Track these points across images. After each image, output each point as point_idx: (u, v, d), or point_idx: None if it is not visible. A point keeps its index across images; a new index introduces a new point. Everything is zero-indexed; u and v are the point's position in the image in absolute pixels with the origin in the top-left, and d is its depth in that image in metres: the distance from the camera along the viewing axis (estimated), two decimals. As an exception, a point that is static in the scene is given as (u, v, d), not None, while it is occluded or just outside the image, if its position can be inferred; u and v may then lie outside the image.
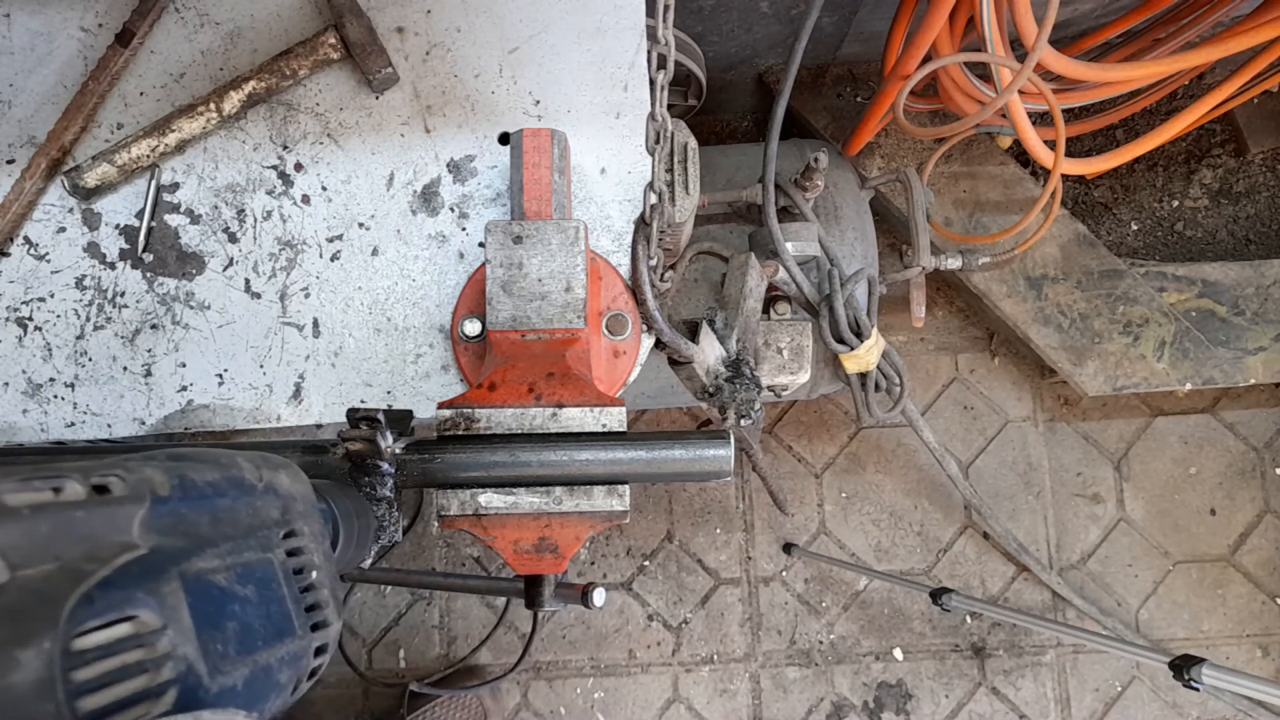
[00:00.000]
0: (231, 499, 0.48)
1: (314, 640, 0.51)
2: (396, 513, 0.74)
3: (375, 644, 1.95)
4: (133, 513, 0.41)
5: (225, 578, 0.45)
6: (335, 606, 0.54)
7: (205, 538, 0.45)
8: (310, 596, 0.52)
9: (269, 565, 0.49)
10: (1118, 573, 1.97)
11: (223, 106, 0.96)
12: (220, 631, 0.43)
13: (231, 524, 0.47)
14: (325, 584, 0.54)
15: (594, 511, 0.78)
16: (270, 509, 0.52)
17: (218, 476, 0.48)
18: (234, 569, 0.46)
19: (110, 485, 0.41)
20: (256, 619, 0.46)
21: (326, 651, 0.53)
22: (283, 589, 0.49)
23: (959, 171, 1.79)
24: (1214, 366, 1.77)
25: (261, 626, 0.46)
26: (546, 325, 0.84)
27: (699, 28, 1.53)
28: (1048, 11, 1.08)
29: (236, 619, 0.44)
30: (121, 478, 0.41)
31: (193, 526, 0.44)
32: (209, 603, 0.43)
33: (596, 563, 1.97)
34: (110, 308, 0.98)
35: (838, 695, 1.94)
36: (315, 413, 0.97)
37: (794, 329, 1.26)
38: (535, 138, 0.90)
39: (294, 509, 0.54)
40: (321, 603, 0.53)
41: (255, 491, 0.51)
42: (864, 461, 2.00)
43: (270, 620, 0.47)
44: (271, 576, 0.49)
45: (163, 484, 0.43)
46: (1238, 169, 2.01)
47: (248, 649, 0.44)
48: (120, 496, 0.41)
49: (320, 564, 0.54)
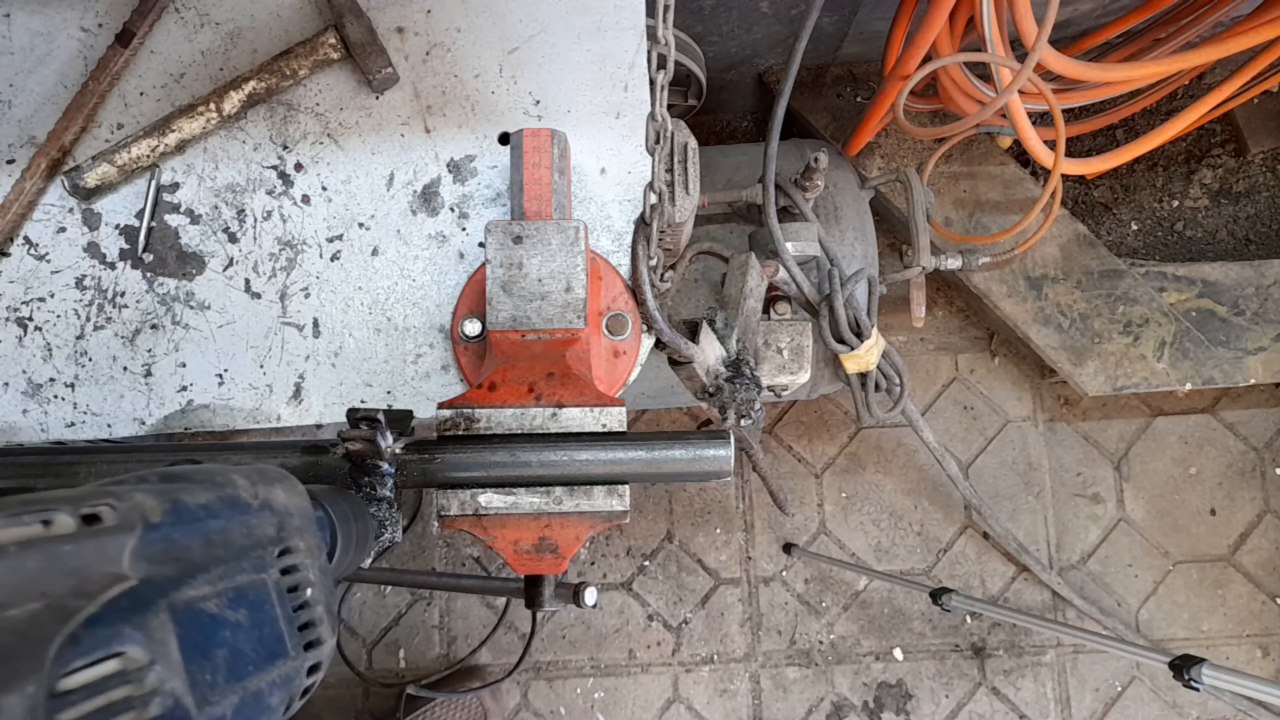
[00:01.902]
0: (225, 520, 0.48)
1: (307, 660, 0.51)
2: (396, 512, 0.74)
3: (375, 644, 1.95)
4: (124, 542, 0.40)
5: (216, 603, 0.44)
6: (330, 623, 0.54)
7: (197, 563, 0.44)
8: (304, 615, 0.52)
9: (262, 586, 0.49)
10: (1118, 573, 1.97)
11: (223, 106, 0.96)
12: (209, 661, 0.42)
13: (225, 546, 0.47)
14: (320, 600, 0.54)
15: (594, 511, 0.78)
16: (266, 526, 0.51)
17: (212, 497, 0.48)
18: (226, 594, 0.45)
19: (101, 514, 0.40)
20: (248, 643, 0.46)
21: (320, 669, 0.52)
22: (276, 610, 0.49)
23: (959, 171, 1.79)
24: (1214, 366, 1.77)
25: (253, 651, 0.46)
26: (546, 325, 0.84)
27: (699, 28, 1.53)
28: (1048, 11, 1.08)
29: (227, 645, 0.44)
30: (112, 506, 0.41)
31: (185, 552, 0.44)
32: (198, 632, 0.42)
33: (596, 563, 1.97)
34: (110, 308, 0.97)
35: (838, 695, 1.94)
36: (315, 413, 0.97)
37: (794, 329, 1.26)
38: (535, 138, 0.90)
39: (290, 524, 0.54)
40: (315, 620, 0.52)
41: (250, 510, 0.50)
42: (864, 461, 2.00)
43: (262, 643, 0.47)
44: (265, 598, 0.48)
45: (155, 510, 0.43)
46: (1238, 169, 2.01)
47: (238, 676, 0.44)
48: (111, 526, 0.40)
49: (315, 580, 0.54)
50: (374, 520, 0.72)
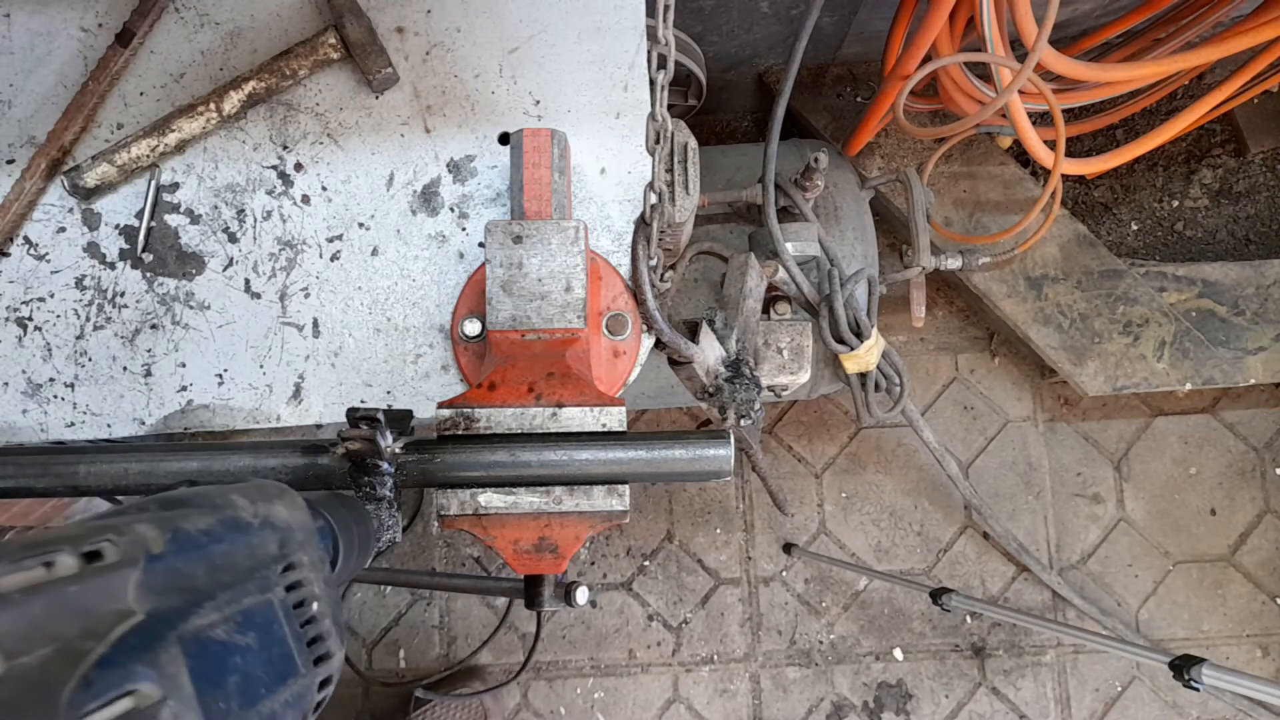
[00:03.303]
0: (228, 543, 0.47)
1: (317, 675, 0.50)
2: (396, 513, 0.74)
3: (375, 644, 1.95)
4: (127, 577, 0.40)
5: (225, 630, 0.44)
6: (338, 635, 0.54)
7: (203, 590, 0.44)
8: (311, 630, 0.51)
9: (269, 607, 0.48)
10: (1118, 573, 1.97)
11: (223, 106, 0.96)
12: (222, 689, 0.42)
13: (229, 569, 0.46)
14: (327, 614, 0.53)
15: (594, 511, 0.78)
16: (268, 545, 0.51)
17: (212, 521, 0.47)
18: (233, 618, 0.45)
19: (103, 551, 0.40)
20: (259, 667, 0.45)
21: (331, 683, 0.52)
22: (284, 629, 0.49)
23: (959, 171, 1.79)
24: (1214, 366, 1.77)
25: (264, 673, 0.45)
26: (546, 325, 0.84)
27: (699, 28, 1.53)
28: (1048, 11, 1.08)
29: (238, 671, 0.44)
30: (113, 541, 0.40)
31: (190, 580, 0.43)
32: (209, 661, 0.42)
33: (596, 563, 1.97)
34: (110, 308, 0.97)
35: (838, 695, 1.94)
36: (315, 413, 0.97)
37: (794, 329, 1.26)
38: (535, 138, 0.90)
39: (292, 540, 0.53)
40: (324, 634, 0.52)
41: (251, 530, 0.50)
42: (864, 461, 2.00)
43: (273, 665, 0.47)
44: (272, 618, 0.48)
45: (156, 540, 0.42)
46: (1238, 169, 2.01)
47: (251, 701, 0.44)
48: (113, 563, 0.40)
49: (321, 593, 0.53)
50: (374, 521, 0.72)
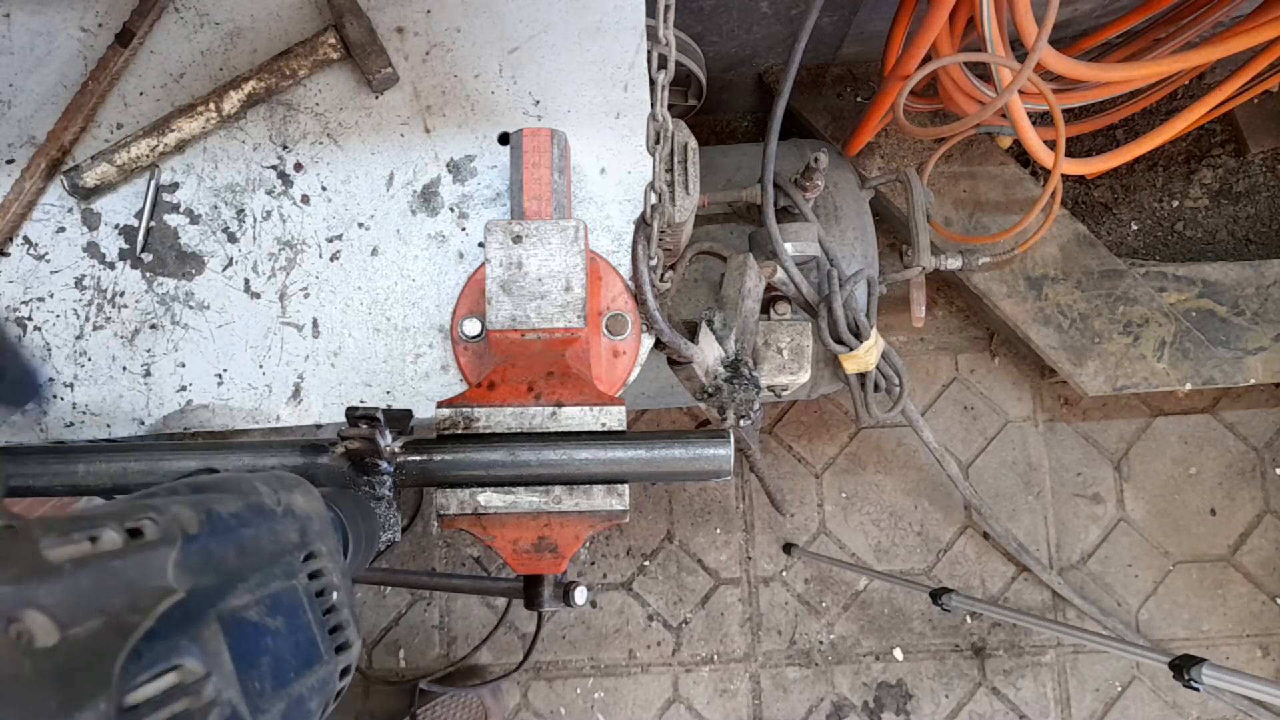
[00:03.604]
0: (255, 528, 0.49)
1: (339, 663, 0.52)
2: (395, 512, 0.74)
3: (375, 644, 1.95)
4: (166, 555, 0.41)
5: (257, 612, 0.45)
6: (355, 625, 0.55)
7: (235, 572, 0.45)
8: (332, 618, 0.53)
9: (294, 592, 0.50)
10: (1118, 573, 1.97)
11: (222, 106, 0.96)
12: (257, 669, 0.43)
13: (257, 554, 0.48)
14: (345, 603, 0.55)
15: (593, 511, 0.78)
16: (290, 532, 0.52)
17: (240, 506, 0.48)
18: (263, 601, 0.46)
19: (144, 528, 0.41)
20: (288, 650, 0.46)
21: (350, 672, 0.53)
22: (308, 615, 0.50)
23: (959, 171, 1.79)
24: (1214, 366, 1.76)
25: (292, 657, 0.47)
26: (546, 325, 0.84)
27: (699, 28, 1.53)
28: (1048, 11, 1.08)
29: (270, 653, 0.45)
30: (154, 520, 0.41)
31: (222, 562, 0.44)
32: (245, 641, 0.43)
33: (596, 563, 1.97)
34: (109, 308, 0.97)
35: (838, 695, 1.94)
36: (314, 413, 0.97)
37: (794, 329, 1.26)
38: (535, 138, 0.90)
39: (311, 529, 0.54)
40: (344, 623, 0.53)
41: (275, 517, 0.51)
42: (864, 461, 2.00)
43: (299, 649, 0.48)
44: (297, 604, 0.49)
45: (191, 521, 0.43)
46: (1238, 169, 2.01)
47: (282, 682, 0.45)
48: (154, 540, 0.41)
49: (339, 583, 0.55)
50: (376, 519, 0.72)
